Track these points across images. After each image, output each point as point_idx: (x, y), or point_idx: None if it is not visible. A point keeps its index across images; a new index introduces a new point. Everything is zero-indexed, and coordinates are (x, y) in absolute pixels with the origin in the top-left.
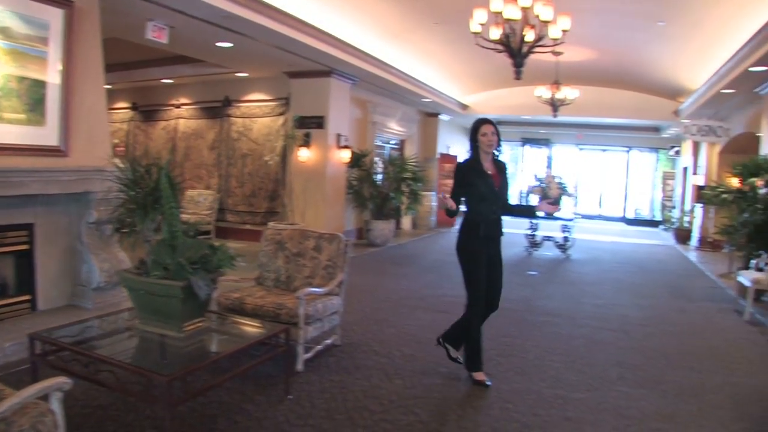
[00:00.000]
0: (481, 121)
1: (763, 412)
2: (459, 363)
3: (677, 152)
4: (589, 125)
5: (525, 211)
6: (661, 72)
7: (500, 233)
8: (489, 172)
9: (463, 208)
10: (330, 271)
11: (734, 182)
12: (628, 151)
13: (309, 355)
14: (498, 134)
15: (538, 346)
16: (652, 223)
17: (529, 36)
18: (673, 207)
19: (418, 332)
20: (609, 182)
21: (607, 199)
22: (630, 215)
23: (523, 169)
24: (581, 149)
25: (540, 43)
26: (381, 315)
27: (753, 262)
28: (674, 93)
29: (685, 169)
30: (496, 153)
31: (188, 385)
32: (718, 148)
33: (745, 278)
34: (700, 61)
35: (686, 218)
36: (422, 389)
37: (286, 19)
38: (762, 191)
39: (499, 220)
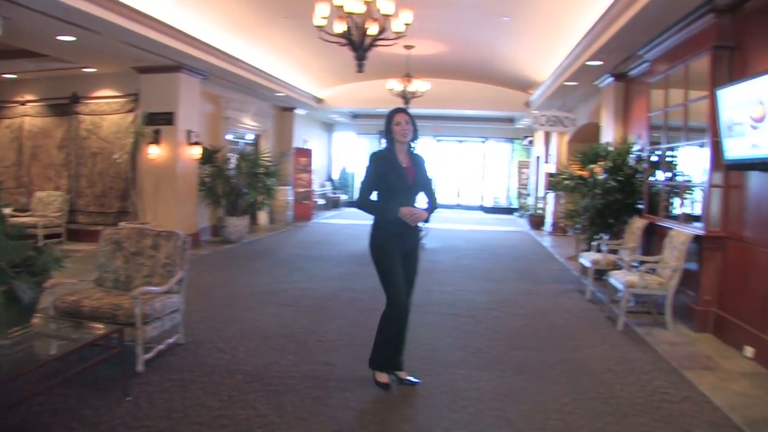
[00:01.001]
0: (395, 111)
1: (593, 384)
2: (413, 383)
3: (531, 142)
4: (446, 117)
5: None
6: (511, 65)
7: (417, 228)
8: (403, 165)
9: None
10: (169, 269)
11: (577, 169)
12: (484, 142)
13: (150, 355)
14: (414, 124)
15: None
16: (509, 211)
17: (373, 29)
18: (528, 195)
19: (264, 327)
20: (467, 172)
21: (465, 188)
22: (487, 204)
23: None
24: (439, 141)
25: (382, 36)
26: (228, 311)
27: (594, 244)
28: (525, 85)
29: (538, 158)
30: (412, 145)
31: (11, 393)
32: (567, 138)
33: (586, 259)
34: (545, 55)
35: (540, 205)
36: (263, 383)
37: (130, 13)
38: (601, 177)
39: None
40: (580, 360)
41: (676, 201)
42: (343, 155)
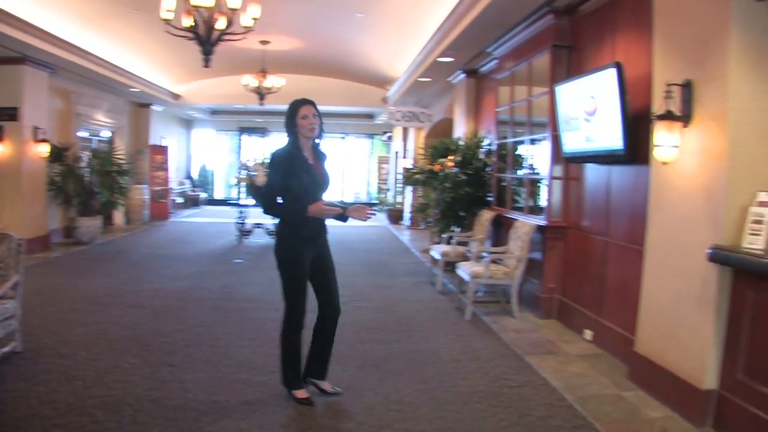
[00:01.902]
0: (300, 102)
1: (437, 373)
2: (338, 394)
3: (390, 138)
4: None
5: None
6: (367, 61)
7: (325, 230)
8: (310, 161)
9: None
10: (2, 273)
11: (427, 164)
12: (344, 138)
13: None
14: (320, 117)
15: (230, 333)
16: (370, 206)
17: (221, 24)
18: (388, 189)
19: (109, 330)
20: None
21: None
22: (348, 199)
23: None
24: None
25: (230, 31)
26: (73, 315)
27: (444, 236)
28: (382, 81)
29: (397, 153)
30: (317, 140)
31: None
32: (424, 133)
33: (436, 252)
34: (400, 51)
35: (398, 200)
36: (102, 388)
37: None
38: (453, 171)
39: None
40: (426, 350)
41: (523, 193)
42: (203, 152)
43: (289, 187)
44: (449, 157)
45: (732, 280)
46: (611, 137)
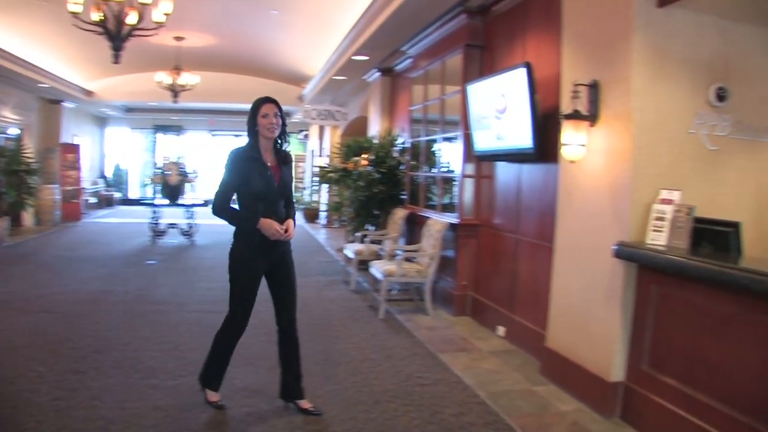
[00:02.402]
0: (262, 100)
1: (349, 373)
2: (316, 414)
3: (306, 136)
4: (222, 111)
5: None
6: (283, 59)
7: (287, 242)
8: (268, 164)
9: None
10: None
11: (341, 162)
12: None
13: None
14: (283, 117)
15: (140, 337)
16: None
17: (131, 18)
18: (305, 188)
19: (14, 337)
20: None
21: None
22: None
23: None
24: (214, 135)
25: (141, 26)
26: None
27: (358, 234)
28: (298, 79)
29: (313, 151)
30: (280, 141)
31: None
32: (339, 131)
33: (350, 250)
34: (316, 49)
35: (315, 198)
36: (3, 400)
37: None
38: (367, 169)
39: (282, 222)
40: (339, 350)
41: (436, 191)
42: (117, 151)
43: (242, 190)
44: (363, 156)
45: (637, 276)
46: (521, 136)
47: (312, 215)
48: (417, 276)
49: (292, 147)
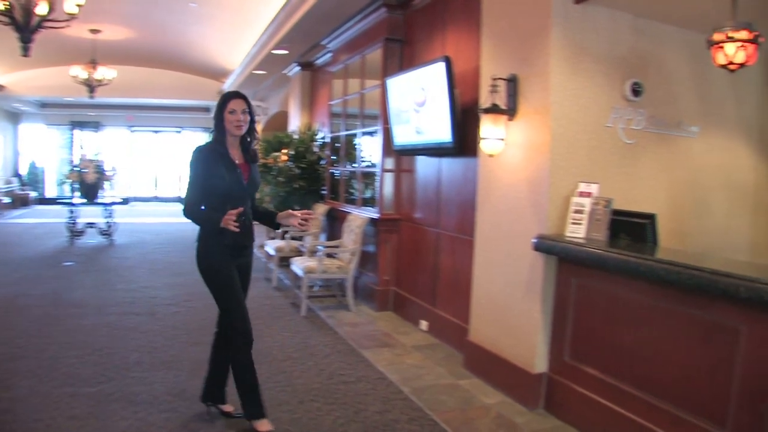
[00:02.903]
0: (230, 95)
1: (272, 373)
2: (239, 416)
3: None
4: (140, 106)
5: (267, 219)
6: (203, 53)
7: (252, 240)
8: (236, 162)
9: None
10: None
11: (261, 157)
12: (180, 132)
13: None
14: (251, 113)
15: (56, 342)
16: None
17: (41, 9)
18: None
19: None
20: (164, 163)
21: (162, 180)
22: (182, 194)
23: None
24: (133, 131)
25: (52, 17)
26: None
27: (279, 231)
28: (218, 74)
29: None
30: (248, 138)
31: None
32: (260, 126)
33: (271, 247)
34: (235, 43)
35: None
36: None
37: None
38: (287, 165)
39: (251, 224)
40: (260, 350)
41: (357, 186)
42: (32, 148)
43: (208, 189)
44: (283, 151)
45: (557, 268)
46: (441, 130)
47: None
48: (338, 272)
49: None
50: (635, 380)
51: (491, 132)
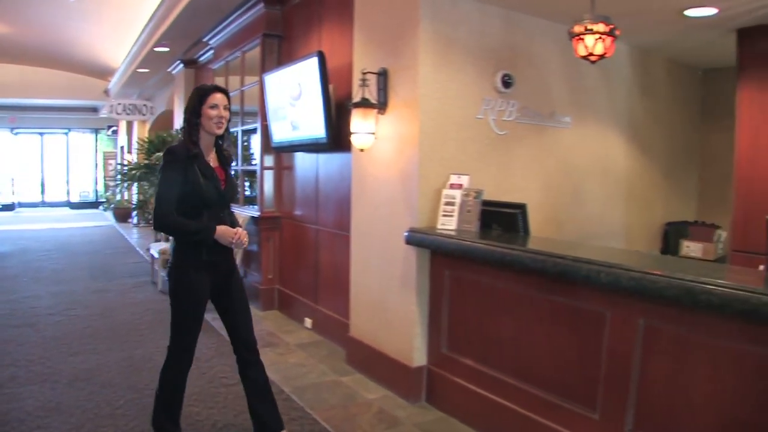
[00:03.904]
0: (210, 89)
1: (152, 379)
2: None
3: (114, 132)
4: (24, 107)
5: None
6: (85, 50)
7: (232, 254)
8: (212, 165)
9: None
10: None
11: (143, 158)
12: (67, 133)
13: None
14: (230, 111)
15: None
16: (96, 205)
17: None
18: (116, 186)
19: None
20: (50, 166)
21: (50, 184)
22: (74, 199)
23: None
24: (16, 133)
25: None
26: None
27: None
28: (102, 72)
29: (123, 147)
30: (221, 139)
31: None
32: (148, 126)
33: (155, 249)
34: (119, 40)
35: (126, 197)
36: None
37: None
38: None
39: None
40: (142, 356)
41: (239, 184)
42: None
43: (184, 195)
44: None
45: (430, 261)
46: (315, 126)
47: (123, 214)
48: None
49: (102, 143)
50: (510, 369)
51: (361, 126)
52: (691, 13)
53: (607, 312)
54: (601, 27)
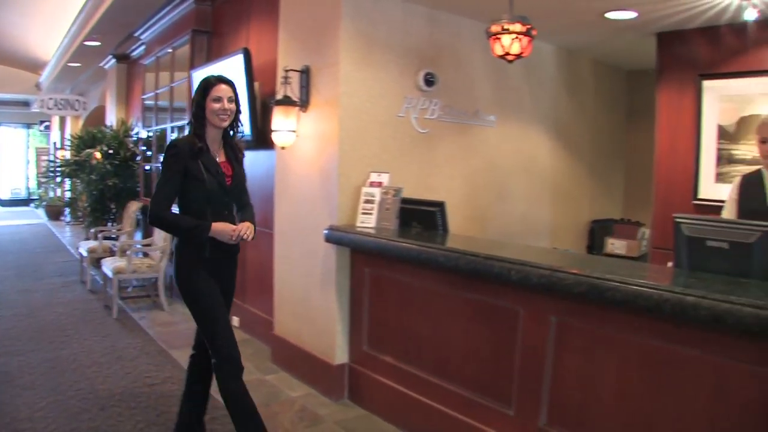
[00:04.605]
0: (214, 80)
1: (75, 380)
2: None
3: (47, 127)
4: None
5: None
6: (14, 42)
7: (236, 250)
8: (218, 160)
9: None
10: None
11: (73, 154)
12: None
13: None
14: (238, 102)
15: None
16: (28, 202)
17: None
18: (48, 182)
19: None
20: None
21: None
22: (5, 196)
23: None
24: None
25: None
26: None
27: (92, 231)
28: (33, 65)
29: (55, 143)
30: (231, 131)
31: None
32: (81, 122)
33: (83, 248)
34: (50, 33)
35: (59, 194)
36: None
37: None
38: (101, 161)
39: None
40: (66, 356)
41: None
42: None
43: (186, 191)
44: (97, 147)
45: (350, 259)
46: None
47: (55, 212)
48: (149, 271)
49: (34, 138)
50: (428, 366)
51: (283, 124)
52: (612, 15)
53: (521, 309)
54: (518, 27)
